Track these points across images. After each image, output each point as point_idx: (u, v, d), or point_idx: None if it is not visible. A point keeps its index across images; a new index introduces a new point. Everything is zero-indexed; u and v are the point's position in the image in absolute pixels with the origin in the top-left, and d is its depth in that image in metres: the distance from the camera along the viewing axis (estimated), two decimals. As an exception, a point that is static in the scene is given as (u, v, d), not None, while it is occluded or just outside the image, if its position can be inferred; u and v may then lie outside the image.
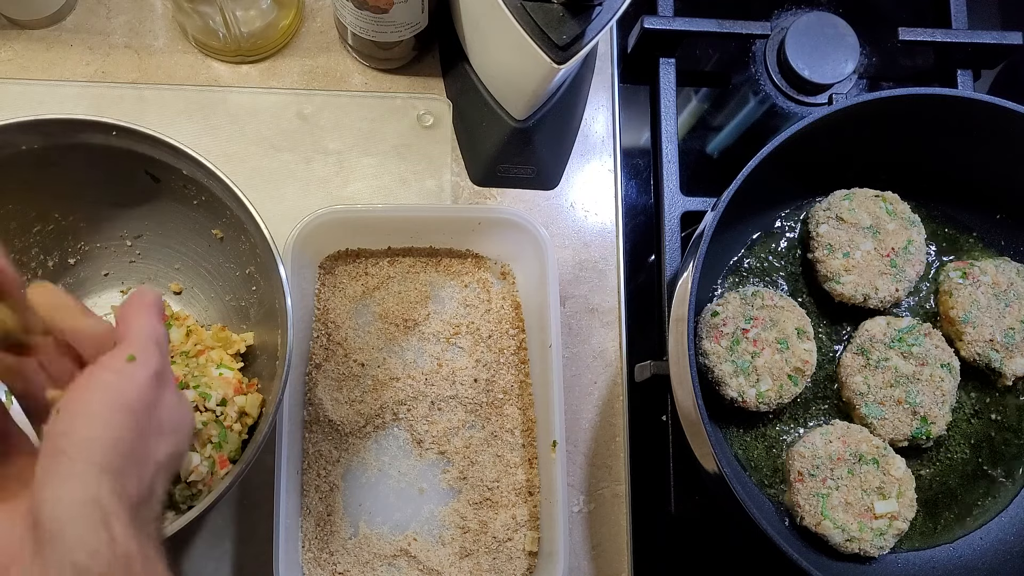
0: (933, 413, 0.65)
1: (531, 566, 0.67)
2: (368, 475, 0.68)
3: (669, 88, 0.78)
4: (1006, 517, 0.68)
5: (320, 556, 0.66)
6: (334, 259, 0.72)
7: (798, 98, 0.82)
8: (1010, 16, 0.87)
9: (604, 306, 0.76)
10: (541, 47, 0.58)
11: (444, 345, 0.71)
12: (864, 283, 0.67)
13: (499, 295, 0.73)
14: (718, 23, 0.77)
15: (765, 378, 0.64)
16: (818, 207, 0.69)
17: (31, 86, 0.74)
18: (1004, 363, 0.67)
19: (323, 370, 0.69)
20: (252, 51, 0.76)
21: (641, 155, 0.80)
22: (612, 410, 0.74)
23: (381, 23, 0.69)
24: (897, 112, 0.65)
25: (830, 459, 0.63)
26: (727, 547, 0.72)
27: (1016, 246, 0.72)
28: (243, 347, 0.65)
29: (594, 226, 0.78)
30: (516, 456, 0.69)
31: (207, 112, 0.75)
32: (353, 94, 0.77)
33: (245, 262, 0.63)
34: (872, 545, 0.62)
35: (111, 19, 0.77)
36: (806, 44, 0.80)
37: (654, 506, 0.72)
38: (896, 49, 0.84)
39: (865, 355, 0.66)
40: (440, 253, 0.73)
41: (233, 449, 0.60)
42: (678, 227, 0.74)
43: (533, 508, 0.68)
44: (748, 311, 0.65)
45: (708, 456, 0.58)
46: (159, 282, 0.69)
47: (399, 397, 0.69)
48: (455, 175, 0.77)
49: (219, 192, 0.59)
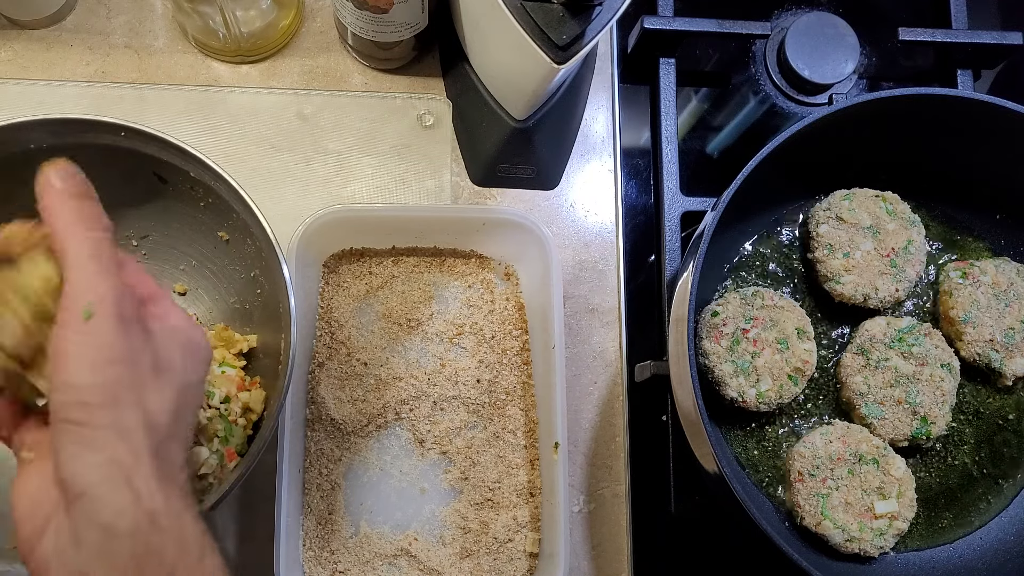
0: (933, 413, 0.65)
1: (531, 567, 0.67)
2: (370, 474, 0.69)
3: (669, 88, 0.78)
4: (1006, 517, 0.68)
5: (321, 555, 0.66)
6: (338, 258, 0.72)
7: (798, 98, 0.82)
8: (1010, 16, 0.87)
9: (604, 306, 0.76)
10: (541, 47, 0.58)
11: (447, 345, 0.71)
12: (864, 283, 0.67)
13: (502, 296, 0.73)
14: (718, 23, 0.77)
15: (765, 378, 0.64)
16: (818, 207, 0.69)
17: (31, 86, 0.74)
18: (1004, 363, 0.67)
19: (326, 369, 0.69)
20: (252, 51, 0.76)
21: (641, 155, 0.80)
22: (612, 410, 0.74)
23: (381, 23, 0.69)
24: (897, 112, 0.65)
25: (830, 459, 0.63)
26: (727, 547, 0.72)
27: (1016, 246, 0.72)
28: (246, 347, 0.65)
29: (594, 226, 0.78)
30: (518, 457, 0.69)
31: (207, 112, 0.75)
32: (353, 94, 0.77)
33: (250, 265, 0.63)
34: (872, 545, 0.62)
35: (111, 19, 0.77)
36: (806, 44, 0.80)
37: (654, 506, 0.72)
38: (896, 49, 0.84)
39: (865, 355, 0.66)
40: (444, 253, 0.73)
41: (239, 443, 0.60)
42: (678, 227, 0.74)
43: (534, 509, 0.68)
44: (748, 311, 0.65)
45: (708, 456, 0.58)
46: (164, 283, 0.69)
47: (401, 397, 0.69)
48: (455, 175, 0.77)
49: (225, 194, 0.59)
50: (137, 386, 0.39)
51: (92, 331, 0.38)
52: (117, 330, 0.38)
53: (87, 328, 0.38)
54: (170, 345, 0.41)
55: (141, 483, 0.37)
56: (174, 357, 0.41)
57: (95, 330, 0.38)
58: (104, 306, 0.38)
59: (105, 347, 0.38)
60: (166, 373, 0.40)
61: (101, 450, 0.37)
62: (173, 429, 0.40)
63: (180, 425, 0.41)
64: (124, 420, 0.38)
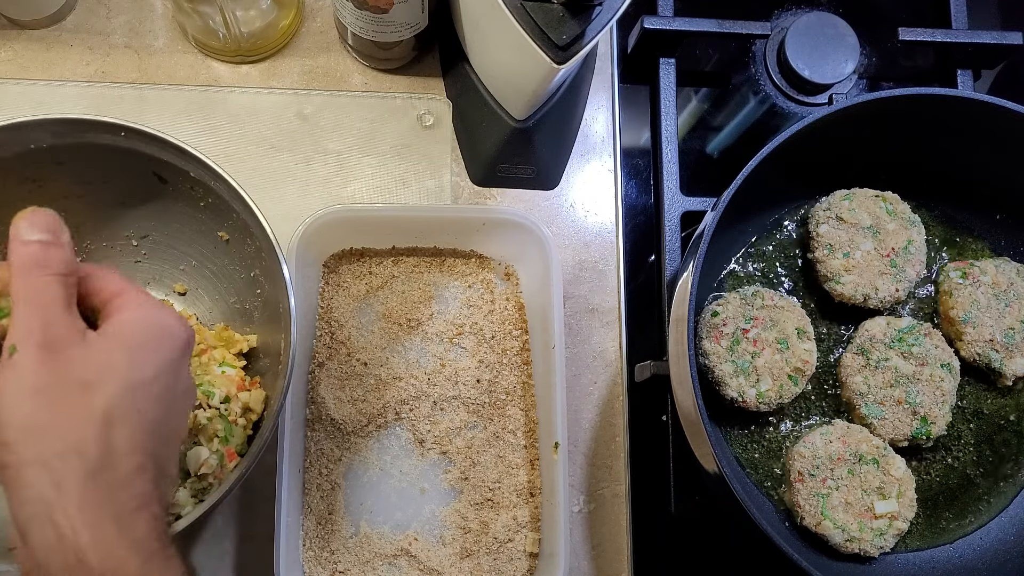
0: (933, 413, 0.65)
1: (531, 567, 0.67)
2: (370, 474, 0.69)
3: (669, 88, 0.78)
4: (1006, 517, 0.68)
5: (321, 555, 0.66)
6: (338, 258, 0.72)
7: (798, 98, 0.82)
8: (1010, 16, 0.87)
9: (604, 306, 0.76)
10: (541, 47, 0.58)
11: (447, 345, 0.71)
12: (864, 283, 0.67)
13: (503, 296, 0.73)
14: (718, 23, 0.77)
15: (765, 378, 0.64)
16: (818, 207, 0.69)
17: (31, 86, 0.74)
18: (1004, 363, 0.67)
19: (326, 369, 0.69)
20: (252, 51, 0.76)
21: (641, 155, 0.80)
22: (612, 410, 0.74)
23: (381, 23, 0.69)
24: (897, 112, 0.65)
25: (830, 459, 0.63)
26: (727, 547, 0.72)
27: (1016, 246, 0.72)
28: (246, 347, 0.65)
29: (594, 226, 0.78)
30: (518, 457, 0.69)
31: (207, 112, 0.75)
32: (353, 94, 0.77)
33: (250, 265, 0.63)
34: (872, 545, 0.62)
35: (111, 19, 0.77)
36: (806, 44, 0.80)
37: (654, 506, 0.72)
38: (896, 49, 0.84)
39: (865, 355, 0.66)
40: (444, 253, 0.73)
41: (239, 443, 0.60)
42: (678, 227, 0.74)
43: (534, 509, 0.68)
44: (748, 311, 0.65)
45: (708, 456, 0.58)
46: (164, 282, 0.69)
47: (401, 397, 0.69)
48: (455, 175, 0.77)
49: (226, 195, 0.59)
50: (62, 411, 0.37)
51: (15, 365, 0.37)
52: (39, 359, 0.37)
53: (10, 363, 0.37)
54: (88, 362, 0.38)
55: (62, 517, 0.35)
56: (95, 372, 0.38)
57: (17, 363, 0.37)
58: (30, 337, 0.37)
59: (26, 378, 0.37)
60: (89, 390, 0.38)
61: (27, 487, 0.36)
62: (111, 444, 0.37)
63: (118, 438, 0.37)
64: (46, 450, 0.36)
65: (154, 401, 0.39)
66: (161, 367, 0.40)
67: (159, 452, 0.39)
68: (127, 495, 0.37)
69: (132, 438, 0.38)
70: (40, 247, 0.39)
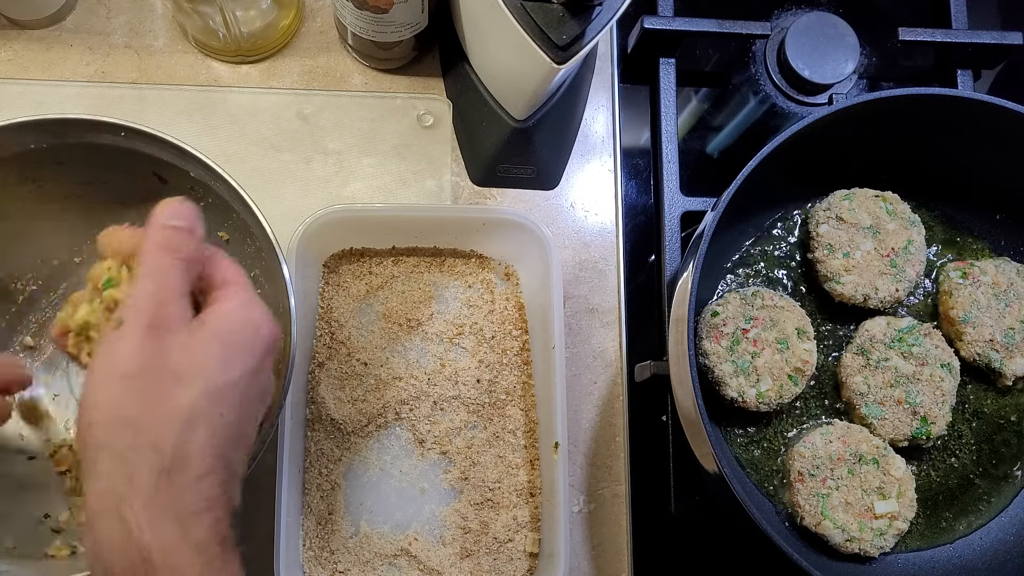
0: (933, 413, 0.65)
1: (531, 567, 0.67)
2: (370, 474, 0.69)
3: (669, 88, 0.78)
4: (1006, 517, 0.68)
5: (321, 555, 0.66)
6: (338, 258, 0.72)
7: (798, 98, 0.82)
8: (1010, 16, 0.87)
9: (604, 306, 0.76)
10: (541, 47, 0.58)
11: (447, 345, 0.71)
12: (864, 283, 0.67)
13: (503, 296, 0.73)
14: (718, 23, 0.77)
15: (765, 378, 0.64)
16: (818, 207, 0.69)
17: (31, 86, 0.74)
18: (1004, 363, 0.67)
19: (326, 369, 0.69)
20: (252, 51, 0.76)
21: (641, 155, 0.80)
22: (612, 410, 0.74)
23: (381, 23, 0.69)
24: (897, 112, 0.65)
25: (830, 459, 0.63)
26: (727, 547, 0.72)
27: (1016, 246, 0.72)
28: (245, 347, 0.65)
29: (594, 226, 0.78)
30: (518, 457, 0.70)
31: (207, 112, 0.75)
32: (353, 94, 0.77)
33: (250, 265, 0.63)
34: (872, 545, 0.62)
35: (111, 19, 0.77)
36: (806, 44, 0.80)
37: (654, 506, 0.72)
38: (896, 49, 0.84)
39: (865, 355, 0.66)
40: (444, 253, 0.73)
41: None
42: (678, 227, 0.74)
43: (534, 509, 0.68)
44: (748, 311, 0.65)
45: (708, 456, 0.58)
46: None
47: (401, 397, 0.69)
48: (455, 175, 0.77)
49: (225, 195, 0.60)
50: (149, 403, 0.37)
51: (118, 339, 0.38)
52: (142, 338, 0.38)
53: (115, 336, 0.38)
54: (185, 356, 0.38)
55: (130, 513, 0.35)
56: (189, 368, 0.38)
57: (120, 338, 0.38)
58: (140, 315, 0.38)
59: (123, 357, 0.37)
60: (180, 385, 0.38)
61: (100, 477, 0.35)
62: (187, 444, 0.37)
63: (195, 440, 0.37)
64: (124, 441, 0.36)
65: (234, 405, 0.40)
66: (247, 368, 0.41)
67: (229, 455, 0.39)
68: (193, 497, 0.37)
69: (208, 441, 0.38)
70: (175, 232, 0.41)
